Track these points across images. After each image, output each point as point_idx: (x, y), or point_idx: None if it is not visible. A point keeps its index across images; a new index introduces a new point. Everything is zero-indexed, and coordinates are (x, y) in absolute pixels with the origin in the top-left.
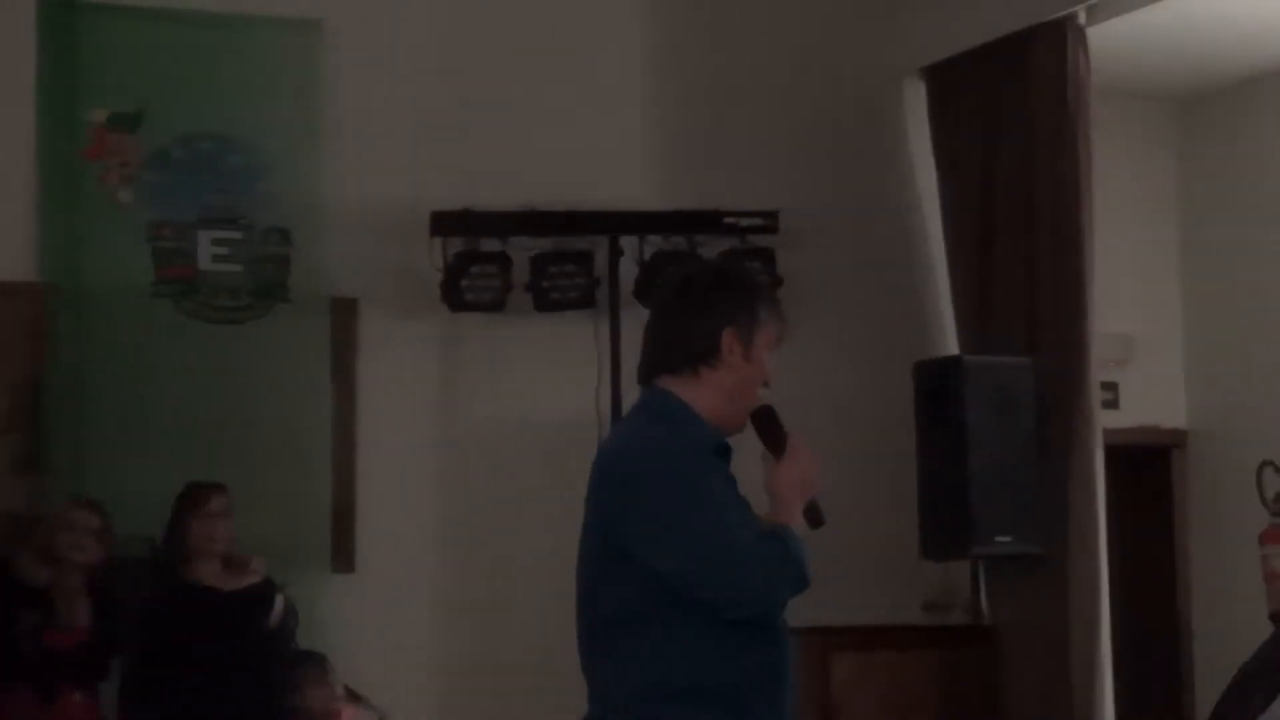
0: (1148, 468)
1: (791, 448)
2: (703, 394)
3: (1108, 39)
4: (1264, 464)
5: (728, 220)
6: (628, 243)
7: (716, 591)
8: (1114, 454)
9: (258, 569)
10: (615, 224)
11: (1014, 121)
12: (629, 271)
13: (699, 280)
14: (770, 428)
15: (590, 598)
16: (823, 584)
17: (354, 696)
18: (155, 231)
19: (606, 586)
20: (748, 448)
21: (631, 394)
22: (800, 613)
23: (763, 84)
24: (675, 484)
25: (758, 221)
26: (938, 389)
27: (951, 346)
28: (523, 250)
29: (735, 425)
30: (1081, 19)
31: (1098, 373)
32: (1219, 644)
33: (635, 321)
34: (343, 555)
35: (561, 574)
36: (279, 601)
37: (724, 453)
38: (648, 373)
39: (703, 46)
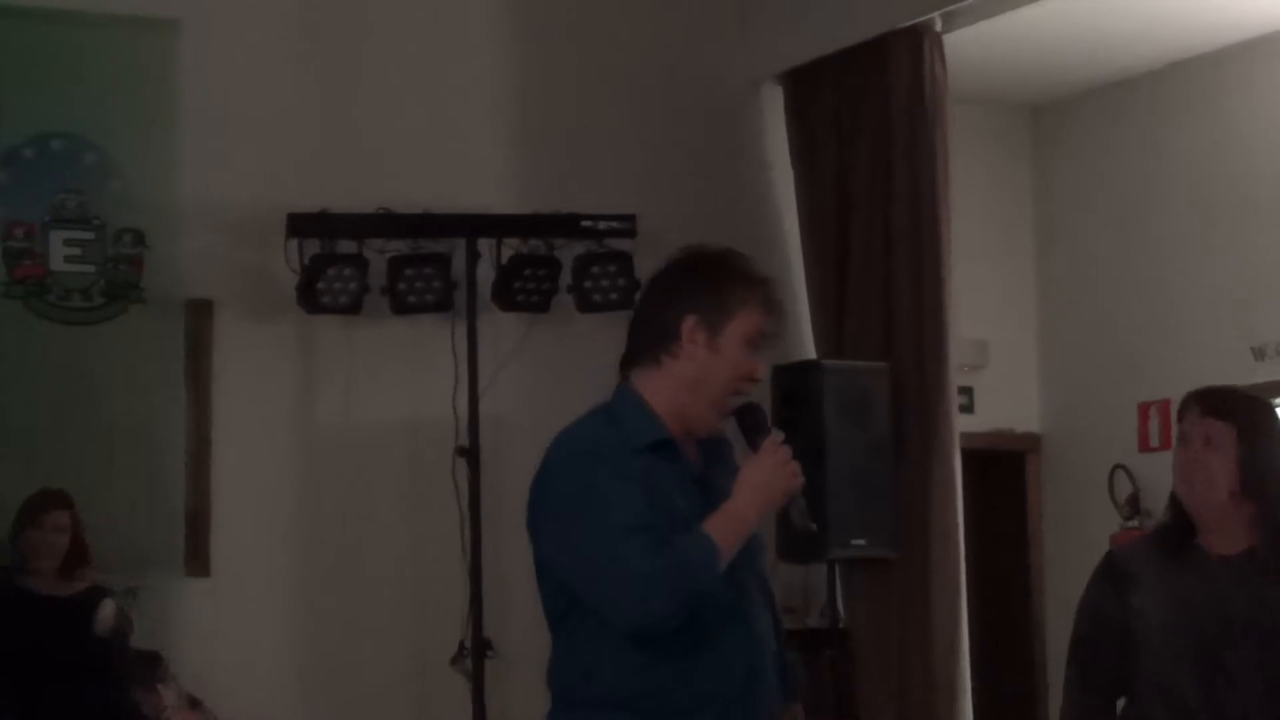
0: (1002, 471)
1: (763, 448)
2: (662, 385)
3: (964, 46)
4: (1116, 468)
5: (585, 224)
6: (485, 245)
7: (594, 601)
8: (968, 458)
9: (84, 575)
10: (472, 227)
11: (871, 127)
12: (486, 275)
13: (673, 265)
14: (749, 426)
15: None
16: None
17: (193, 702)
18: (6, 231)
19: (540, 586)
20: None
21: (488, 397)
22: None
23: (621, 88)
24: (570, 486)
25: (615, 225)
26: (795, 393)
27: (808, 351)
28: (379, 253)
29: (704, 421)
30: (938, 26)
31: (954, 377)
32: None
33: (492, 325)
34: (197, 559)
35: (418, 577)
36: (106, 606)
37: (662, 447)
38: (622, 363)
39: (561, 50)
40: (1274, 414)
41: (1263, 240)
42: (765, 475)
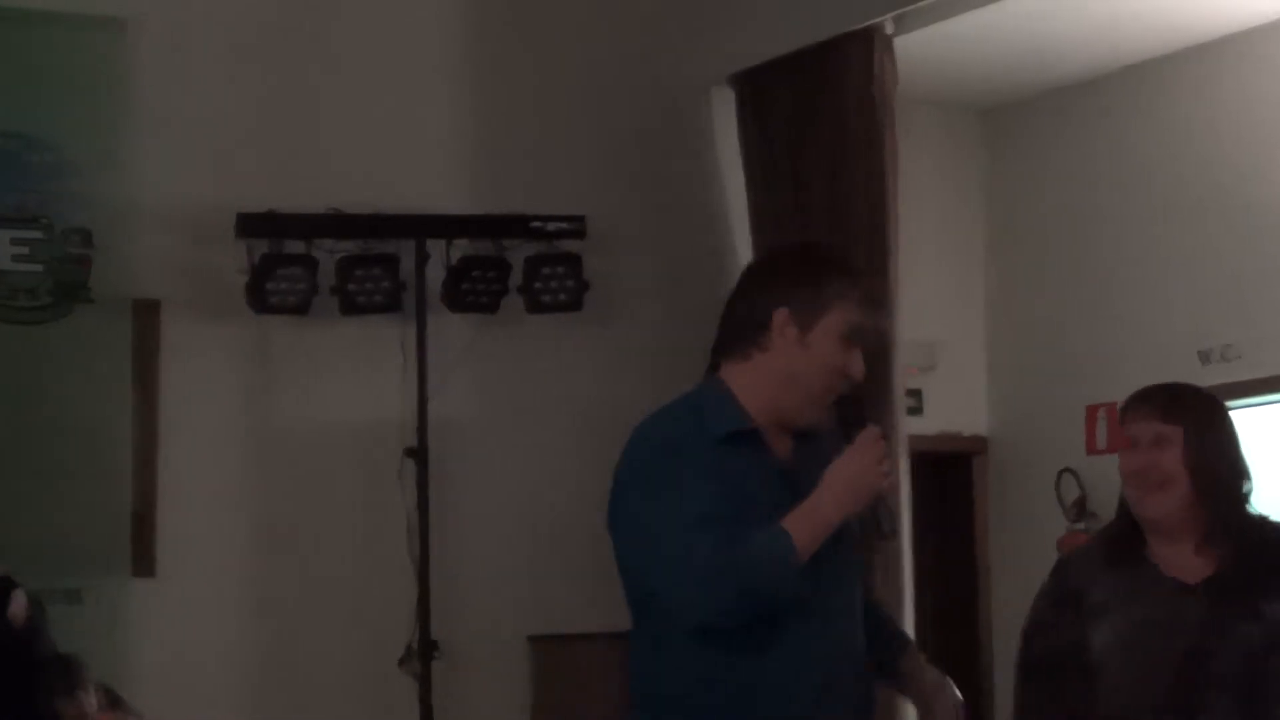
0: (950, 473)
1: (856, 443)
2: (751, 379)
3: (915, 49)
4: (1063, 471)
5: (535, 225)
6: (434, 246)
7: (660, 594)
8: (917, 460)
9: None
10: (422, 227)
11: (821, 130)
12: (436, 275)
13: (768, 258)
14: (843, 420)
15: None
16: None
17: (114, 701)
18: None
19: (622, 582)
20: None
21: (437, 398)
22: (605, 618)
23: (572, 89)
24: (641, 477)
25: (564, 226)
26: None
27: None
28: (329, 253)
29: (801, 416)
30: (889, 28)
31: (903, 379)
32: (1015, 645)
33: (441, 325)
34: (143, 560)
35: (365, 578)
36: (17, 598)
37: (744, 438)
38: (712, 356)
39: (511, 50)
40: (1224, 410)
41: (1210, 244)
42: (854, 472)
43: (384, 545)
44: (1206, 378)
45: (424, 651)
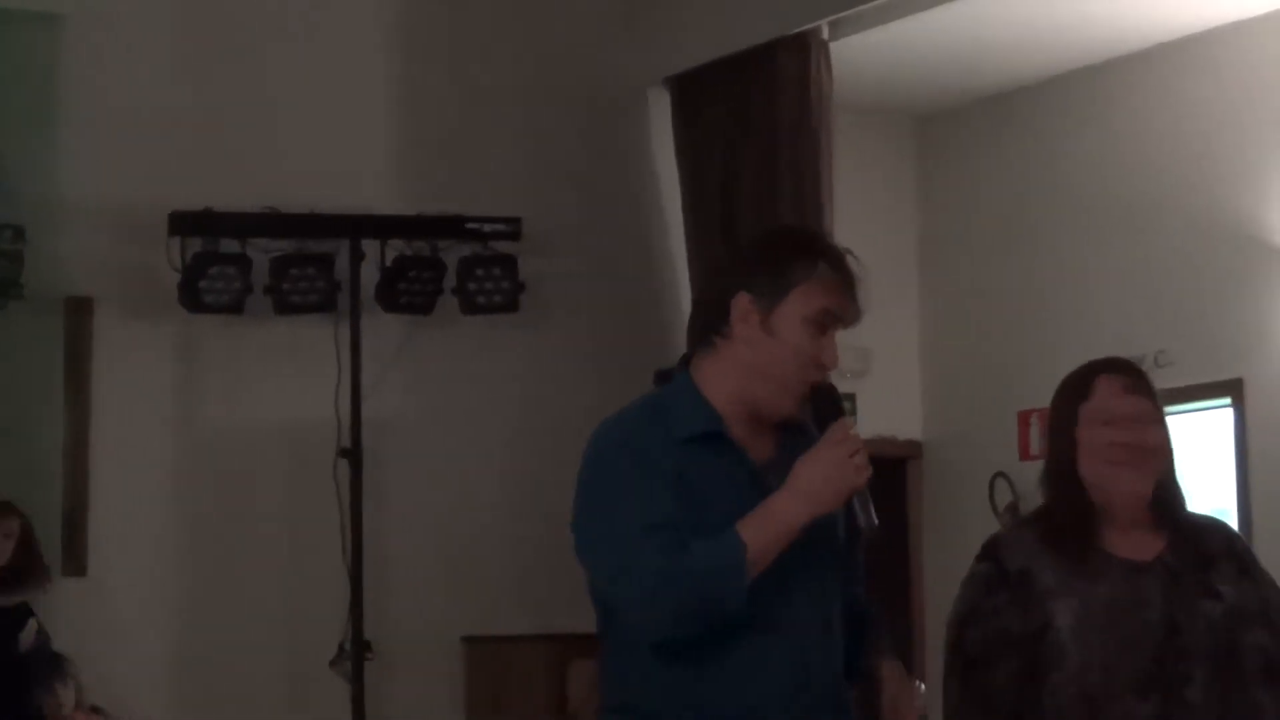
0: (883, 478)
1: (826, 437)
2: (718, 370)
3: (850, 55)
4: (996, 475)
5: (470, 225)
6: (369, 246)
7: (609, 597)
8: None
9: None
10: (357, 227)
11: (756, 133)
12: (370, 275)
13: (744, 243)
14: (820, 411)
15: None
16: (560, 590)
17: (94, 710)
18: None
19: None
20: None
21: (371, 398)
22: (537, 620)
23: (508, 90)
24: (597, 478)
25: (500, 227)
26: None
27: None
28: (263, 252)
29: (769, 409)
30: (824, 34)
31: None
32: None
33: (376, 326)
34: (74, 559)
35: (298, 578)
36: (30, 626)
37: (710, 439)
38: (688, 347)
39: (448, 52)
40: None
41: (1141, 251)
42: (823, 469)
43: (317, 545)
44: None
45: (356, 652)
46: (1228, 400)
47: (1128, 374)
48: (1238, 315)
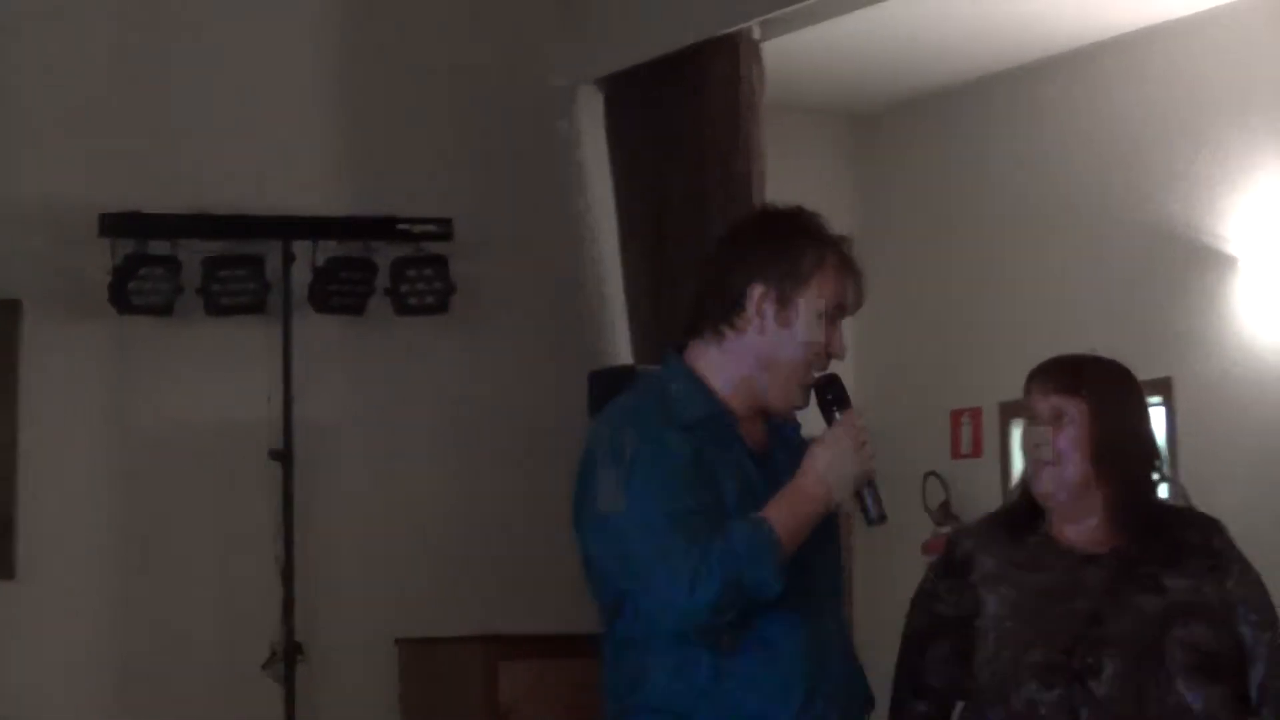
0: None
1: (835, 428)
2: (724, 360)
3: (785, 53)
4: (928, 474)
5: (402, 226)
6: (300, 247)
7: (639, 595)
8: None
9: None
10: (288, 228)
11: (688, 134)
12: (302, 277)
13: (738, 226)
14: (826, 401)
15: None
16: (493, 592)
17: None
18: None
19: (588, 582)
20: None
21: (303, 400)
22: (470, 621)
23: (439, 90)
24: (611, 463)
25: (432, 228)
26: (612, 398)
27: (626, 356)
28: (194, 253)
29: (777, 400)
30: (756, 34)
31: None
32: (882, 650)
33: (307, 327)
34: (2, 562)
35: (229, 581)
36: None
37: (714, 425)
38: (682, 334)
39: (378, 51)
40: (1133, 384)
41: (1072, 251)
42: (836, 455)
43: (249, 547)
44: None
45: (288, 654)
46: (1158, 399)
47: (1055, 374)
48: (1167, 315)
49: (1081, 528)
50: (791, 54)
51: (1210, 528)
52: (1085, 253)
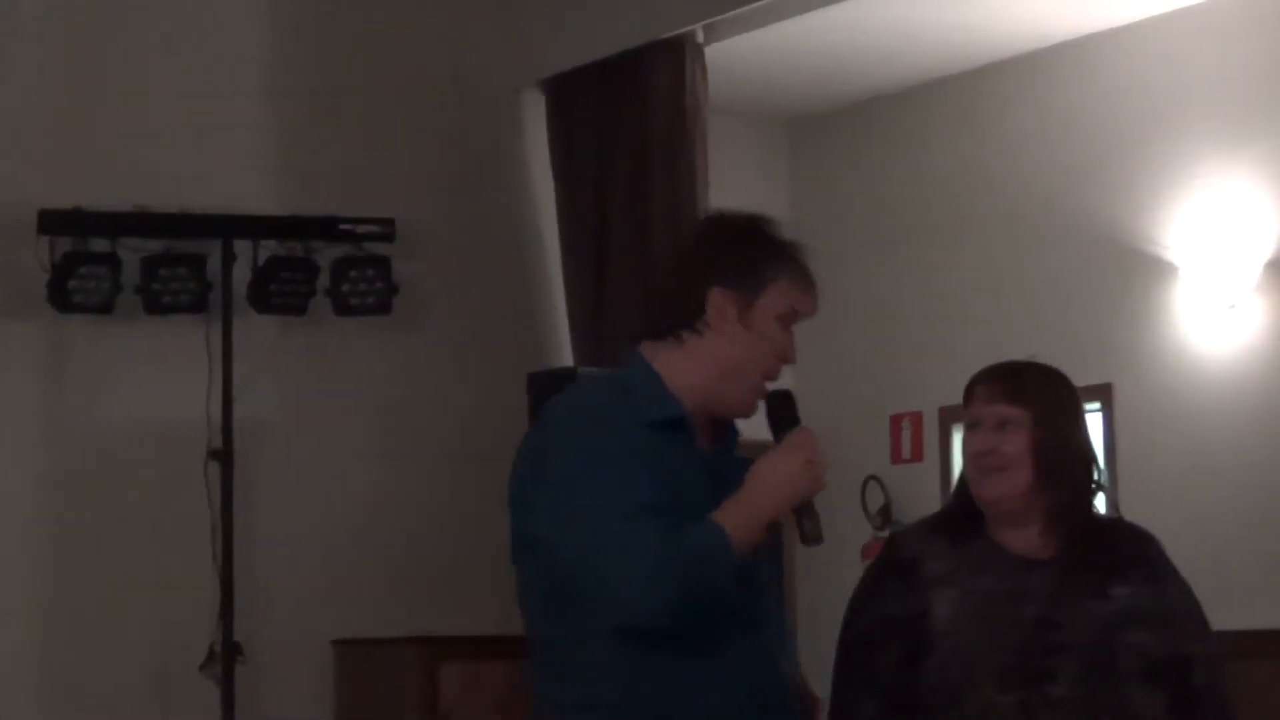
0: None
1: (789, 442)
2: (685, 364)
3: (725, 57)
4: (868, 479)
5: (343, 227)
6: (241, 246)
7: (592, 588)
8: None
9: None
10: (229, 227)
11: (630, 136)
12: (242, 276)
13: (700, 230)
14: (778, 416)
15: (518, 589)
16: (432, 593)
17: None
18: None
19: (521, 575)
20: None
21: (242, 399)
22: (408, 622)
23: (381, 90)
24: (573, 457)
25: (374, 229)
26: (551, 398)
27: (566, 358)
28: (133, 252)
29: (735, 406)
30: (699, 37)
31: None
32: (820, 653)
33: (247, 327)
34: None
35: (167, 581)
36: None
37: (675, 427)
38: (637, 335)
39: (321, 50)
40: (1074, 392)
41: (1012, 257)
42: (786, 471)
43: (187, 547)
44: None
45: (226, 655)
46: (1097, 405)
47: (999, 381)
48: (1107, 321)
49: (1022, 534)
50: (731, 58)
51: (1145, 540)
52: (1025, 259)
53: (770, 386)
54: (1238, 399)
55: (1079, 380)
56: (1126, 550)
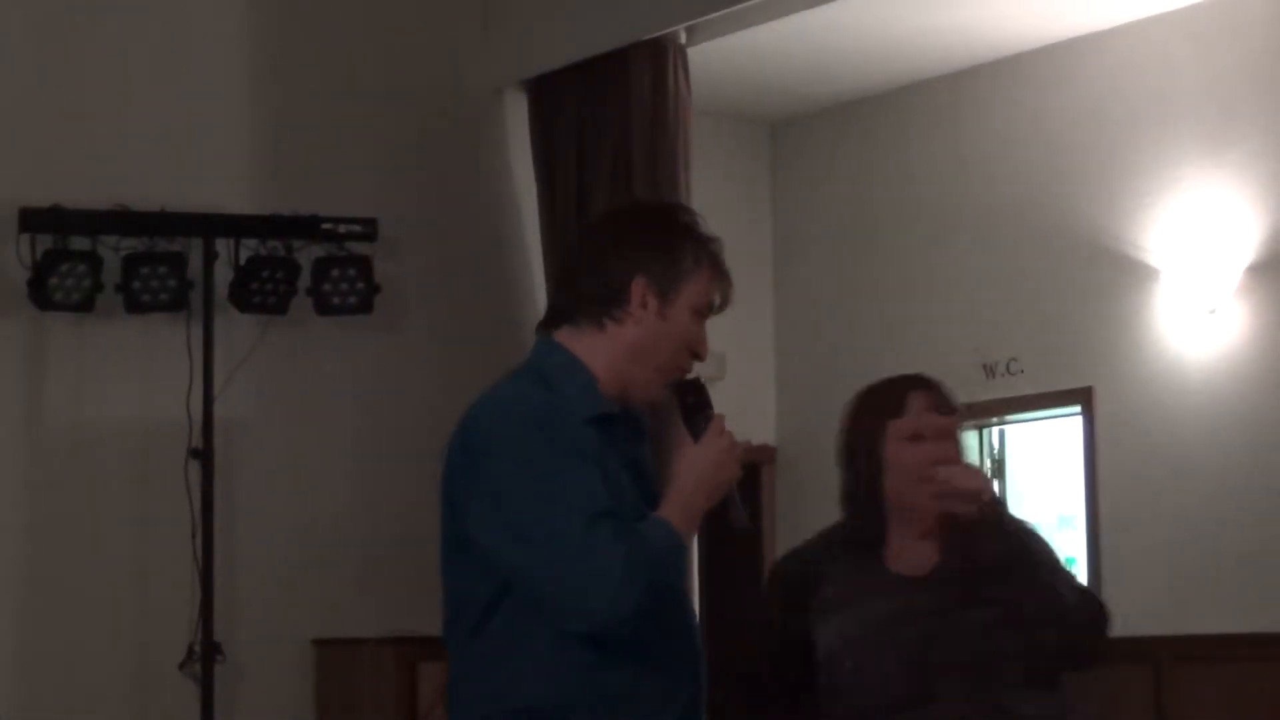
0: (738, 483)
1: (711, 432)
2: (603, 350)
3: (707, 59)
4: None
5: (325, 226)
6: (223, 245)
7: (547, 595)
8: None
9: None
10: (210, 226)
11: (612, 137)
12: (224, 275)
13: (618, 218)
14: (693, 405)
15: (444, 590)
16: (412, 593)
17: None
18: None
19: (451, 577)
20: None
21: (223, 399)
22: (387, 622)
23: (364, 90)
24: (519, 459)
25: (356, 228)
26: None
27: None
28: (114, 250)
29: (644, 394)
30: (682, 39)
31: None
32: None
33: (228, 326)
34: None
35: (147, 580)
36: None
37: (608, 420)
38: (546, 321)
39: (304, 50)
40: None
41: (993, 259)
42: (709, 462)
43: (167, 546)
44: (990, 391)
45: (206, 654)
46: (1078, 408)
47: (937, 391)
48: (1088, 324)
49: (918, 545)
50: (713, 60)
51: (1027, 534)
52: (1006, 261)
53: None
54: (1218, 403)
55: (1060, 383)
56: (1010, 547)
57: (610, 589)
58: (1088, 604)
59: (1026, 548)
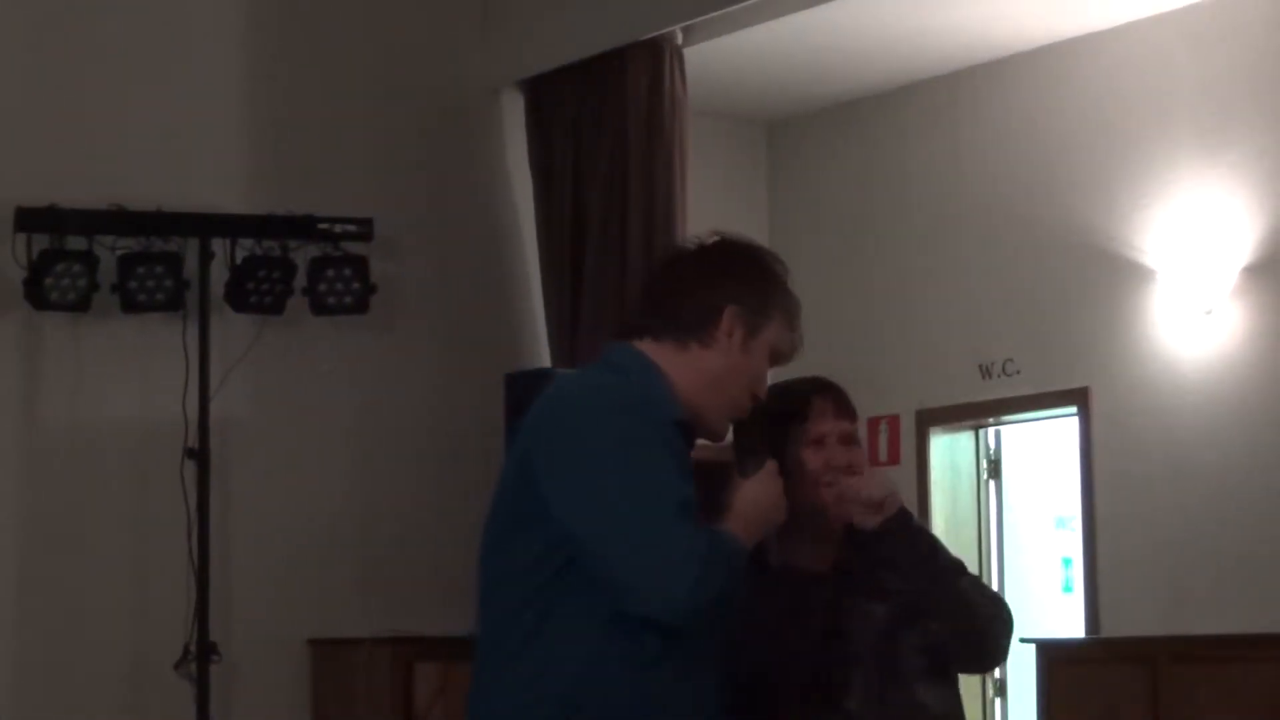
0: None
1: (763, 474)
2: (683, 370)
3: (703, 59)
4: None
5: (321, 226)
6: (219, 245)
7: (622, 574)
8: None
9: None
10: (206, 226)
11: (609, 137)
12: (219, 275)
13: (717, 248)
14: (746, 446)
15: (485, 567)
16: (407, 594)
17: None
18: None
19: (500, 557)
20: None
21: (219, 398)
22: (383, 622)
23: (360, 90)
24: (616, 439)
25: (351, 228)
26: (526, 402)
27: (543, 359)
28: (110, 249)
29: (710, 422)
30: (678, 39)
31: None
32: None
33: (224, 325)
34: None
35: (143, 580)
36: None
37: (685, 430)
38: (626, 331)
39: (301, 50)
40: None
41: (990, 260)
42: (764, 500)
43: (163, 546)
44: (986, 392)
45: (201, 654)
46: (1074, 409)
47: (837, 395)
48: (1084, 325)
49: (815, 545)
50: (710, 60)
51: (935, 539)
52: (1002, 262)
53: None
54: (1214, 403)
55: (1056, 384)
56: (909, 546)
57: (691, 576)
58: (992, 603)
59: (934, 548)
